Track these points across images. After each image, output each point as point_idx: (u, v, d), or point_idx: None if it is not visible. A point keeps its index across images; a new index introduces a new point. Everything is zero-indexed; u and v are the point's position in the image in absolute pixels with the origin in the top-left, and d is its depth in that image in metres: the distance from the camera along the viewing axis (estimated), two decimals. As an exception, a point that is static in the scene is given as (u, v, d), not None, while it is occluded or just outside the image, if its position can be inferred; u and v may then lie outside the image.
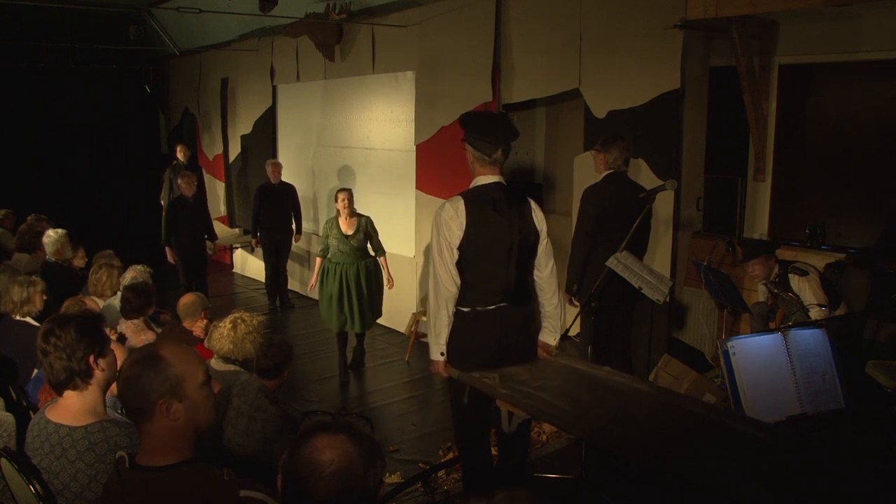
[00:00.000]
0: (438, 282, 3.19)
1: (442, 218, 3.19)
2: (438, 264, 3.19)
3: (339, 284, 5.79)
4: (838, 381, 3.29)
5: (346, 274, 5.80)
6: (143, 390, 1.81)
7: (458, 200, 3.21)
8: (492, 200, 3.21)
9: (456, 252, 3.18)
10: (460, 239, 3.17)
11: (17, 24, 9.57)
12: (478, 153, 3.23)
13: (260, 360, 3.26)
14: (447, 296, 3.19)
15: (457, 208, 3.18)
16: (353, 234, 5.82)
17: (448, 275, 3.18)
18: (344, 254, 5.79)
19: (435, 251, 3.22)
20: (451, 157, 6.46)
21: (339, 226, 5.84)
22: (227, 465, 1.94)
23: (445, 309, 3.19)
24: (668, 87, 4.97)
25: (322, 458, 1.47)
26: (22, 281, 4.19)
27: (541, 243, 3.34)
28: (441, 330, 3.21)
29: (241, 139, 9.82)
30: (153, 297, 4.48)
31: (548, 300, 3.42)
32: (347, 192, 5.90)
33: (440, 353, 3.24)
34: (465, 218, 3.16)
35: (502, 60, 6.03)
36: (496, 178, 3.26)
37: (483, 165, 3.25)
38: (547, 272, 3.38)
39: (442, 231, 3.18)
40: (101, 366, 2.30)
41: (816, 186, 5.67)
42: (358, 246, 5.82)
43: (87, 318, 2.39)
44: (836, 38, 5.07)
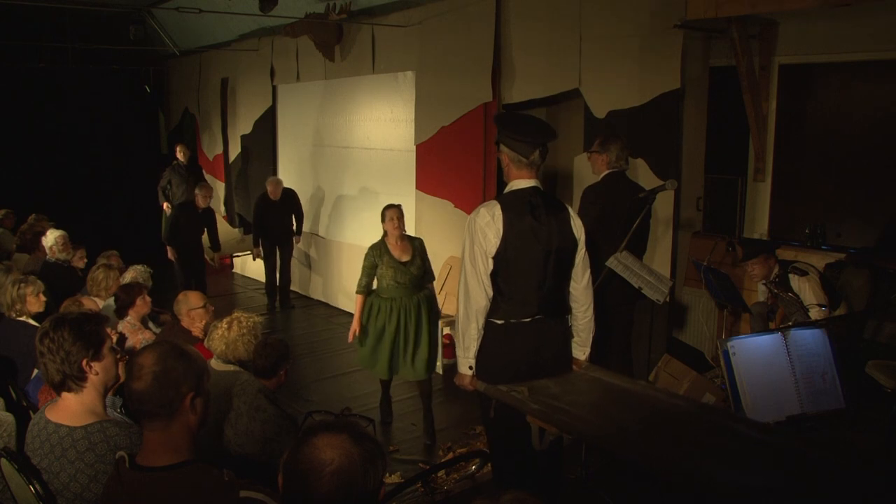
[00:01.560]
0: (469, 292, 3.00)
1: (477, 224, 2.98)
2: (470, 274, 3.00)
3: (397, 323, 4.77)
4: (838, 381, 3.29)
5: (406, 310, 4.78)
6: (176, 383, 1.84)
7: (493, 205, 3.01)
8: (529, 206, 3.01)
9: (490, 261, 2.98)
10: (496, 247, 2.96)
11: (17, 24, 9.56)
12: (513, 154, 3.02)
13: (256, 360, 3.28)
14: (478, 308, 3.00)
15: (493, 214, 2.97)
16: (411, 260, 4.85)
17: (480, 285, 2.98)
18: (402, 286, 4.79)
19: (467, 260, 3.01)
20: (451, 157, 6.46)
21: (389, 251, 4.86)
22: (227, 465, 1.95)
23: (475, 321, 3.01)
24: (668, 87, 4.97)
25: (323, 456, 1.48)
26: (14, 280, 4.19)
27: (578, 252, 3.15)
28: (470, 343, 3.03)
29: (241, 139, 9.82)
30: (139, 295, 4.47)
31: (582, 313, 3.21)
32: (398, 209, 4.95)
33: (468, 366, 3.06)
34: (501, 224, 2.96)
35: (502, 60, 6.03)
36: (533, 182, 3.05)
37: (519, 168, 3.04)
38: (583, 283, 3.18)
39: (476, 238, 2.97)
40: (94, 369, 2.28)
41: (816, 186, 5.67)
42: (418, 274, 4.86)
43: (85, 319, 2.36)
44: (836, 38, 5.07)
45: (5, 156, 10.34)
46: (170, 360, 1.86)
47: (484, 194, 6.23)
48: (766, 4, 4.33)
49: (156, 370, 1.84)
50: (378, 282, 4.86)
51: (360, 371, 6.29)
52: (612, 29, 5.25)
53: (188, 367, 1.87)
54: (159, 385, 1.83)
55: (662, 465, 2.47)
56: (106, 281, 4.86)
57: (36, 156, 10.83)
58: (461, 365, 3.08)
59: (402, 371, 4.87)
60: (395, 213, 4.88)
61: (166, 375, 1.83)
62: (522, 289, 3.03)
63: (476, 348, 3.04)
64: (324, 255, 8.55)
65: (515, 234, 2.97)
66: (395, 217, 4.86)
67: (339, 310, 8.18)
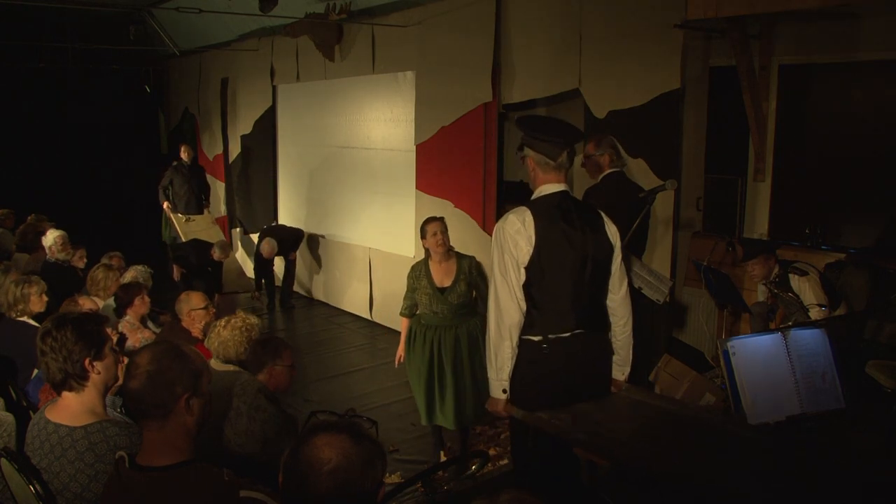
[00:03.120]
0: (501, 307, 2.74)
1: (506, 232, 2.75)
2: (501, 286, 2.75)
3: (430, 357, 4.12)
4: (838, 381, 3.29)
5: (441, 342, 4.10)
6: (171, 383, 1.84)
7: (523, 211, 2.78)
8: (560, 211, 2.80)
9: (523, 272, 2.74)
10: (529, 255, 2.73)
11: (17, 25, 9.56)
12: (540, 157, 2.82)
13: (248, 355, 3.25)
14: (511, 323, 2.74)
15: (524, 220, 2.75)
16: (452, 286, 4.12)
17: (513, 299, 2.73)
18: (439, 315, 4.13)
19: (497, 271, 2.77)
20: (451, 157, 6.46)
21: (429, 274, 4.15)
22: (226, 465, 1.95)
23: (509, 339, 2.74)
24: (668, 87, 4.96)
25: (321, 455, 1.49)
26: (17, 281, 4.19)
27: (615, 260, 2.92)
28: (504, 363, 2.75)
29: (241, 139, 9.82)
30: (137, 295, 4.47)
31: (621, 327, 2.96)
32: (440, 221, 4.16)
33: (502, 389, 2.77)
34: (533, 231, 2.73)
35: (502, 60, 6.03)
36: (562, 186, 2.86)
37: (546, 172, 2.84)
38: (621, 294, 2.94)
39: (507, 247, 2.74)
40: (96, 368, 2.28)
41: (816, 186, 5.67)
42: (460, 303, 4.11)
43: (86, 318, 2.37)
44: (836, 38, 5.07)
45: (5, 156, 10.35)
46: (165, 360, 1.86)
47: (484, 194, 6.23)
48: (766, 4, 4.33)
49: (150, 370, 1.84)
50: (419, 307, 4.24)
51: (360, 371, 6.31)
52: (612, 29, 5.25)
53: (183, 368, 1.87)
54: (153, 385, 1.83)
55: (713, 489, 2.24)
56: (105, 281, 4.86)
57: (36, 156, 10.84)
58: (494, 388, 2.80)
59: (436, 417, 4.20)
60: (438, 226, 4.10)
61: (160, 375, 1.84)
62: (559, 300, 2.78)
63: (510, 368, 2.76)
64: (324, 255, 8.55)
65: (548, 242, 2.75)
66: (439, 231, 4.08)
67: (339, 310, 8.19)
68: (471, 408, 4.15)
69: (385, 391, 5.75)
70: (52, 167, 10.89)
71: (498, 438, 4.76)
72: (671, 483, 2.41)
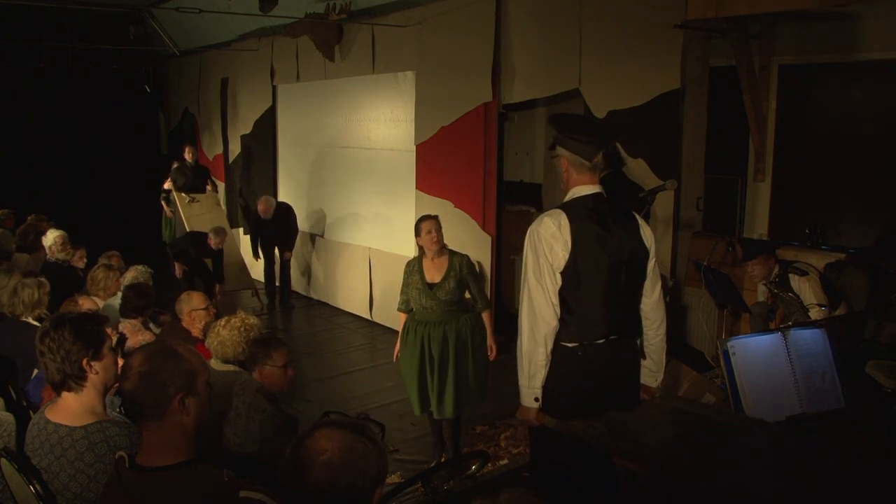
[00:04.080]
0: (536, 313, 2.66)
1: (541, 235, 2.67)
2: (536, 292, 2.67)
3: (420, 352, 4.27)
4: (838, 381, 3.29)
5: (429, 337, 4.24)
6: (163, 383, 1.83)
7: (558, 214, 2.70)
8: (596, 214, 2.72)
9: (558, 277, 2.67)
10: (565, 260, 2.65)
11: (17, 25, 9.57)
12: (574, 157, 2.73)
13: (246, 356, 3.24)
14: (547, 330, 2.66)
15: (559, 223, 2.66)
16: (441, 282, 4.22)
17: (549, 305, 2.66)
18: (428, 310, 4.25)
19: (531, 276, 2.68)
20: (451, 157, 6.46)
21: (421, 270, 4.28)
22: (226, 465, 1.95)
23: (543, 346, 2.67)
24: (668, 87, 4.97)
25: (318, 445, 1.51)
26: (32, 283, 4.17)
27: (649, 263, 2.84)
28: (537, 370, 2.68)
29: (241, 139, 9.83)
30: (153, 299, 4.49)
31: (654, 331, 2.89)
32: (434, 220, 4.28)
33: (534, 398, 2.70)
34: (569, 234, 2.65)
35: (502, 60, 6.03)
36: (596, 188, 2.77)
37: (581, 172, 2.75)
38: (655, 297, 2.87)
39: (541, 251, 2.66)
40: (94, 369, 2.27)
41: (816, 186, 5.68)
42: (448, 299, 4.22)
43: (85, 319, 2.36)
44: (836, 38, 5.07)
45: (5, 156, 10.35)
46: (157, 361, 1.85)
47: (484, 194, 6.23)
48: (765, 4, 4.33)
49: (142, 370, 1.84)
50: (411, 302, 4.35)
51: (360, 371, 6.30)
52: (612, 29, 5.25)
53: (176, 368, 1.86)
54: (145, 385, 1.83)
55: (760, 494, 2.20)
56: (106, 281, 4.86)
57: (36, 156, 10.85)
58: (525, 396, 2.72)
59: (432, 406, 4.35)
60: (432, 224, 4.21)
61: (152, 376, 1.83)
62: (594, 306, 2.71)
63: (543, 376, 2.69)
64: (324, 254, 8.55)
65: (584, 246, 2.67)
66: (433, 229, 4.19)
67: (338, 310, 8.18)
68: (451, 402, 4.26)
69: (385, 391, 5.75)
70: (52, 167, 10.89)
71: (498, 438, 4.76)
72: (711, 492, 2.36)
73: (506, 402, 5.34)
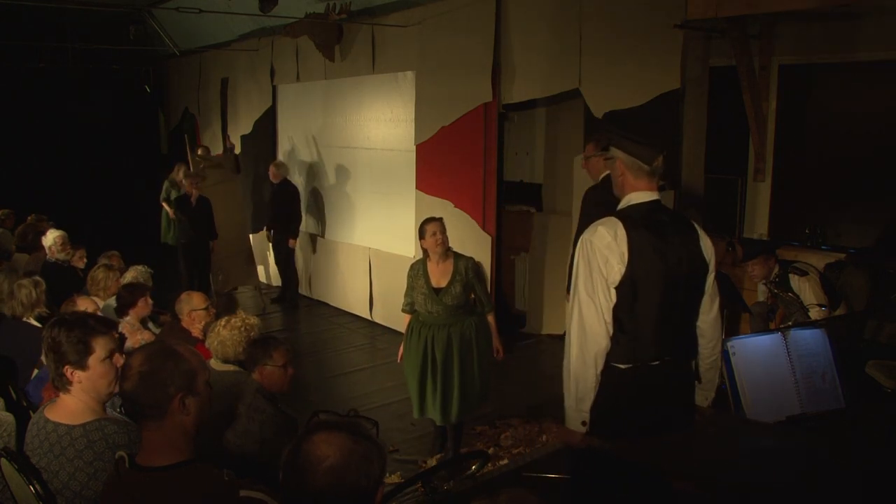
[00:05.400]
0: (587, 331, 2.45)
1: (595, 246, 2.45)
2: (588, 308, 2.45)
3: (423, 355, 4.20)
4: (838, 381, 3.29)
5: (433, 340, 4.18)
6: (163, 383, 1.83)
7: (614, 223, 2.48)
8: (654, 223, 2.51)
9: (613, 293, 2.45)
10: (620, 274, 2.44)
11: (17, 25, 9.57)
12: (631, 161, 2.53)
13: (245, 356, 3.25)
14: (598, 350, 2.46)
15: (615, 233, 2.45)
16: (447, 287, 4.14)
17: (602, 323, 2.45)
18: (434, 314, 4.19)
19: (582, 291, 2.47)
20: (451, 157, 6.46)
21: (426, 274, 4.20)
22: (226, 465, 1.95)
23: (594, 367, 2.46)
24: (668, 87, 4.97)
25: (318, 452, 1.50)
26: (28, 283, 4.18)
27: (708, 278, 2.63)
28: (586, 393, 2.47)
29: (241, 139, 9.82)
30: (139, 297, 4.46)
31: (709, 350, 2.68)
32: (439, 222, 4.19)
33: (581, 422, 2.49)
34: (626, 247, 2.43)
35: (502, 60, 6.03)
36: (654, 194, 2.56)
37: (638, 177, 2.54)
38: (713, 314, 2.65)
39: (595, 264, 2.44)
40: (77, 377, 2.24)
41: (816, 186, 5.67)
42: (454, 304, 4.15)
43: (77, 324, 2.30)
44: (836, 38, 5.07)
45: (5, 156, 10.36)
46: (156, 361, 1.85)
47: (484, 194, 6.23)
48: (765, 4, 4.33)
49: (142, 370, 1.84)
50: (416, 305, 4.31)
51: (360, 371, 6.30)
52: (612, 29, 5.25)
53: (176, 368, 1.86)
54: (145, 385, 1.83)
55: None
56: (106, 281, 4.86)
57: (36, 156, 10.85)
58: (571, 420, 2.52)
59: (429, 411, 4.29)
60: (437, 227, 4.12)
61: (152, 376, 1.83)
62: (649, 325, 2.50)
63: (592, 399, 2.49)
64: (324, 255, 8.55)
65: (642, 259, 2.45)
66: (438, 232, 4.10)
67: (339, 310, 8.18)
68: (456, 406, 4.20)
69: (385, 391, 5.75)
70: (52, 167, 10.90)
71: (498, 438, 4.75)
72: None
73: (506, 402, 5.36)
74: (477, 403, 4.37)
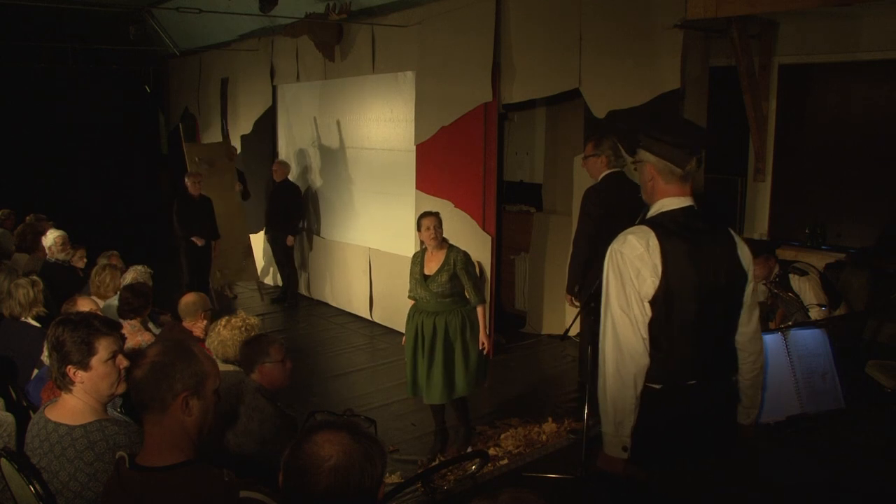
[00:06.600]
0: (623, 349, 2.27)
1: (626, 258, 2.28)
2: (623, 324, 2.27)
3: (414, 337, 4.52)
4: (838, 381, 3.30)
5: (422, 325, 4.47)
6: (171, 378, 1.84)
7: (646, 232, 2.29)
8: (688, 232, 2.32)
9: (647, 307, 2.27)
10: (654, 287, 2.26)
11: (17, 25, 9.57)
12: (663, 164, 2.34)
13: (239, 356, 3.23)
14: (637, 369, 2.27)
15: (647, 243, 2.27)
16: (434, 275, 4.40)
17: (638, 339, 2.26)
18: (423, 300, 4.48)
19: (615, 306, 2.29)
20: (451, 157, 6.46)
21: (422, 261, 4.50)
22: (226, 465, 1.95)
23: (633, 387, 2.27)
24: (668, 87, 4.97)
25: (321, 453, 1.50)
26: (25, 283, 4.18)
27: (747, 288, 2.42)
28: (626, 416, 2.28)
29: (241, 139, 9.82)
30: (150, 299, 4.48)
31: (749, 364, 2.46)
32: (434, 217, 4.45)
33: (622, 447, 2.30)
34: (659, 258, 2.25)
35: (502, 60, 6.03)
36: (687, 200, 2.37)
37: (669, 182, 2.36)
38: (752, 328, 2.44)
39: (627, 276, 2.27)
40: (80, 378, 2.24)
41: (816, 186, 5.67)
42: (439, 291, 4.38)
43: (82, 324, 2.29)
44: (836, 38, 5.07)
45: (5, 156, 10.36)
46: (170, 356, 1.87)
47: (484, 194, 6.23)
48: (765, 4, 4.33)
49: (154, 361, 1.86)
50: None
51: (360, 371, 6.30)
52: (612, 29, 5.25)
53: (188, 367, 1.87)
54: (154, 376, 1.84)
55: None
56: (113, 282, 4.87)
57: (36, 156, 10.85)
58: (611, 445, 2.33)
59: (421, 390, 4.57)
60: (432, 221, 4.38)
61: (163, 368, 1.84)
62: (685, 341, 2.32)
63: (633, 422, 2.30)
64: (324, 255, 8.55)
65: (677, 271, 2.27)
66: (432, 226, 4.36)
67: (339, 310, 8.18)
68: (439, 390, 4.46)
69: (385, 391, 5.75)
70: (51, 167, 10.90)
71: (498, 438, 4.75)
72: None
73: (506, 402, 5.36)
74: (459, 393, 4.53)
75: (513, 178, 7.92)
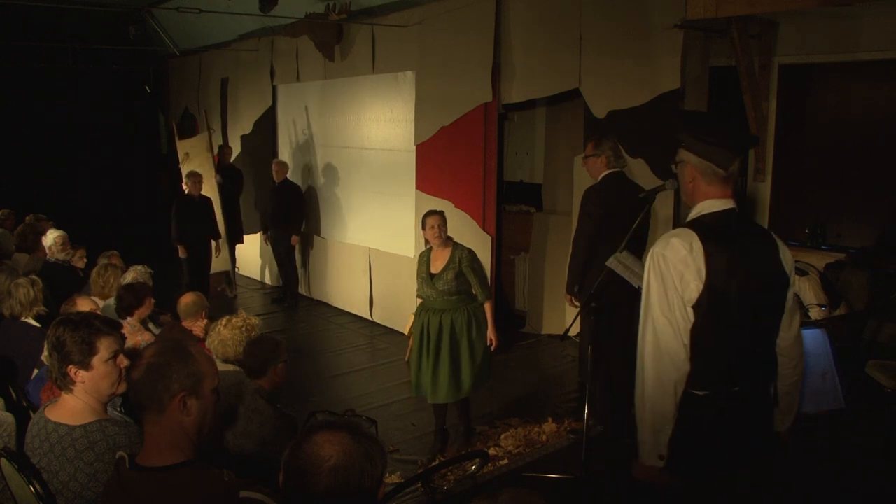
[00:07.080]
0: (664, 355, 2.22)
1: (669, 261, 2.21)
2: (665, 330, 2.22)
3: (420, 335, 4.49)
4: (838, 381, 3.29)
5: (429, 324, 4.45)
6: (168, 378, 1.84)
7: (689, 235, 2.23)
8: (730, 235, 2.27)
9: (690, 312, 2.22)
10: (698, 292, 2.20)
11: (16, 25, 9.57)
12: (705, 165, 2.27)
13: (245, 358, 3.23)
14: (677, 377, 2.22)
15: (691, 247, 2.20)
16: (440, 273, 4.39)
17: (681, 345, 2.21)
18: (430, 298, 4.46)
19: (657, 311, 2.24)
20: (451, 157, 6.46)
21: (428, 260, 4.50)
22: (226, 465, 1.95)
23: (673, 395, 2.22)
24: (668, 87, 4.97)
25: (322, 452, 1.50)
26: (24, 282, 4.18)
27: (789, 292, 2.39)
28: (664, 424, 2.23)
29: (241, 139, 9.83)
30: (145, 298, 4.46)
31: (790, 370, 2.41)
32: (439, 215, 4.46)
33: (658, 455, 2.25)
34: (703, 261, 2.19)
35: (502, 60, 6.04)
36: (729, 202, 2.30)
37: (711, 183, 2.28)
38: (793, 333, 2.40)
39: (670, 280, 2.21)
40: (81, 377, 2.25)
41: (816, 186, 5.67)
42: (445, 289, 4.38)
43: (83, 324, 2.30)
44: (836, 38, 5.07)
45: (5, 156, 10.36)
46: (168, 356, 1.87)
47: (484, 194, 6.24)
48: (765, 4, 4.33)
49: (151, 362, 1.86)
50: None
51: (360, 371, 6.30)
52: (612, 29, 5.25)
53: (185, 367, 1.86)
54: (151, 377, 1.84)
55: None
56: (116, 282, 4.88)
57: (36, 156, 10.85)
58: (647, 454, 2.28)
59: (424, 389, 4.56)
60: (437, 220, 4.38)
61: (159, 369, 1.84)
62: (727, 346, 2.27)
63: (671, 430, 2.25)
64: (324, 254, 8.55)
65: (720, 275, 2.21)
66: (436, 225, 4.36)
67: (339, 310, 8.19)
68: (444, 389, 4.43)
69: (385, 391, 5.75)
70: (52, 167, 10.91)
71: (498, 438, 4.76)
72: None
73: (506, 402, 5.36)
74: (466, 391, 4.50)
75: (513, 178, 7.92)
